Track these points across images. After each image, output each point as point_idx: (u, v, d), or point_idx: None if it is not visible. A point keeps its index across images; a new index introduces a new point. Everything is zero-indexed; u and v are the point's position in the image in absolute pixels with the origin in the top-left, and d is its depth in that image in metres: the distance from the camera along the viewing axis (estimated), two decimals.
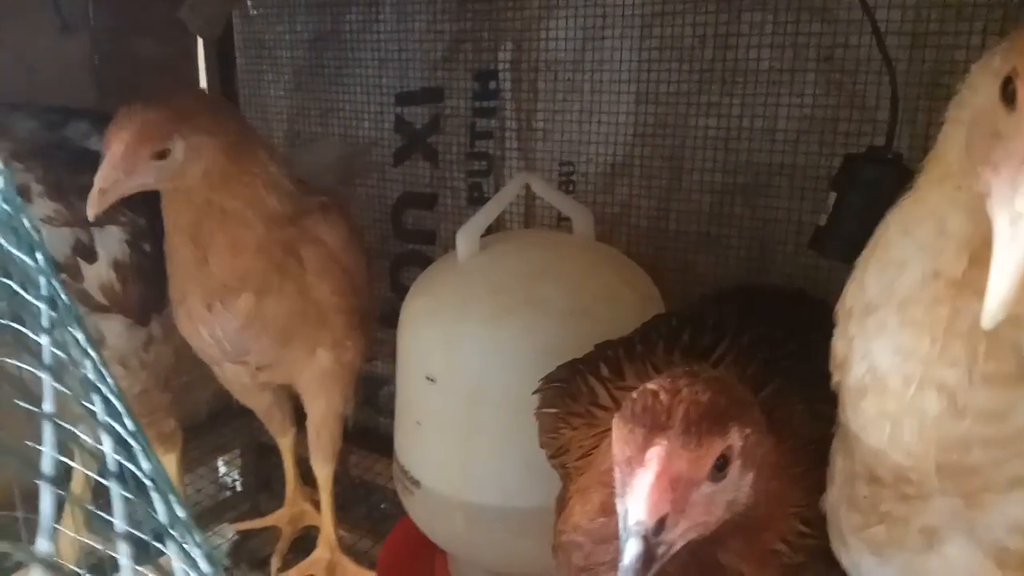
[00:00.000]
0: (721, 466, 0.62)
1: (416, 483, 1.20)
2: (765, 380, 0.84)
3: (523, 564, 1.14)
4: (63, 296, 0.46)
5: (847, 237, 1.05)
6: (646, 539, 0.57)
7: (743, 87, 1.39)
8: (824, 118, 1.34)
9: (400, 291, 1.72)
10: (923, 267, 0.59)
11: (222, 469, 2.01)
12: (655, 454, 0.59)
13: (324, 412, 1.42)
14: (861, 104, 1.31)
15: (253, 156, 1.23)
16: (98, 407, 0.41)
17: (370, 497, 1.91)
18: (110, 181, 1.08)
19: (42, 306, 0.42)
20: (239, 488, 1.98)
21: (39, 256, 0.47)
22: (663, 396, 0.63)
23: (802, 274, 1.36)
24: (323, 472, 1.48)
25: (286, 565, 1.54)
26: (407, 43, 1.73)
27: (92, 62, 1.76)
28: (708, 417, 0.61)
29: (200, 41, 1.91)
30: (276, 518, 1.66)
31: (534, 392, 0.98)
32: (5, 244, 0.46)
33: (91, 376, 0.42)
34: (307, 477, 1.65)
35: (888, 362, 0.60)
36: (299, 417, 1.55)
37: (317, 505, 1.57)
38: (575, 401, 0.93)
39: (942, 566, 0.63)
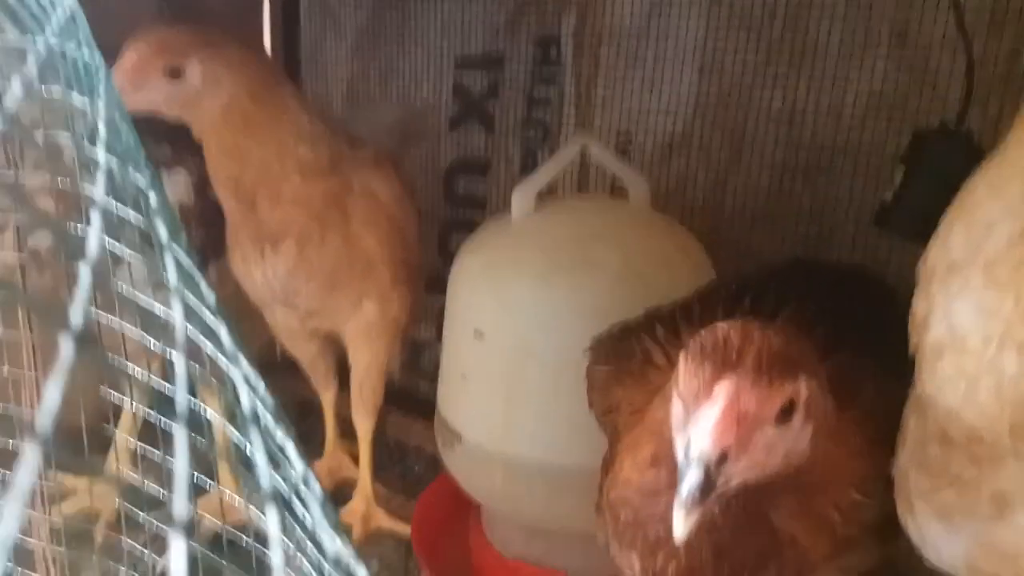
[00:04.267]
0: (787, 411, 0.62)
1: (458, 436, 1.21)
2: (830, 349, 0.83)
3: (560, 521, 1.14)
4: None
5: (914, 214, 1.03)
6: (707, 469, 0.57)
7: (811, 63, 1.37)
8: (893, 97, 1.31)
9: (447, 257, 1.73)
10: (1011, 227, 0.58)
11: None
12: (724, 388, 0.59)
13: (368, 364, 1.43)
14: (932, 83, 1.28)
15: (281, 104, 1.22)
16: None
17: (405, 459, 1.93)
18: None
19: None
20: None
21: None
22: (734, 336, 0.63)
23: (862, 256, 1.33)
24: (364, 425, 1.49)
25: None
26: (470, 8, 1.73)
27: (162, 13, 1.79)
28: (779, 361, 0.61)
29: (266, 1, 1.93)
30: (314, 469, 1.68)
31: (586, 349, 0.98)
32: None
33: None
34: (346, 434, 1.67)
35: (969, 321, 0.59)
36: (342, 377, 1.58)
37: (355, 459, 1.60)
38: (628, 360, 0.93)
39: (1012, 536, 0.62)
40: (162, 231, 0.43)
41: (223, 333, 0.41)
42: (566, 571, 1.21)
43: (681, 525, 0.59)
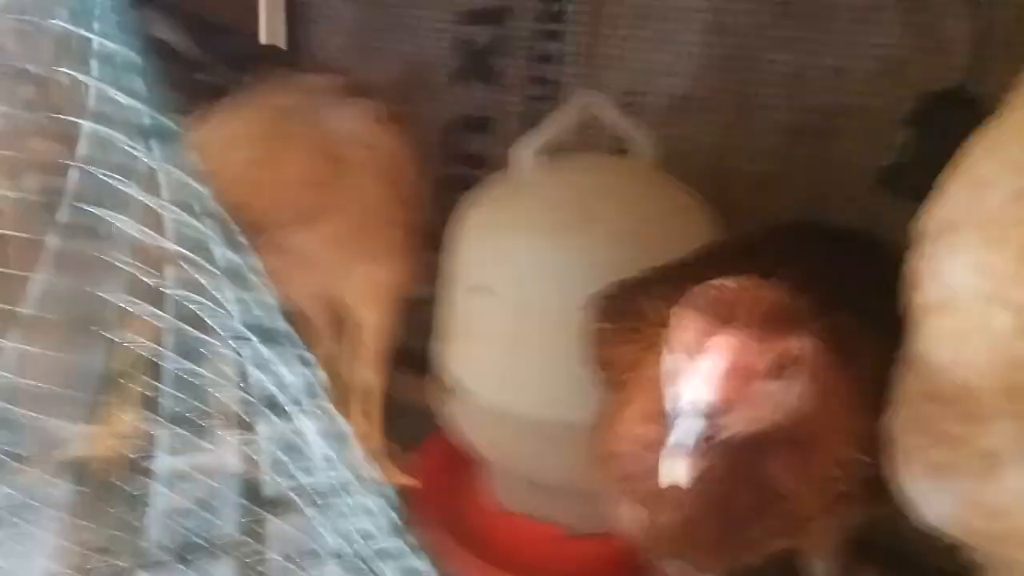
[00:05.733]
0: (780, 366, 0.63)
1: (459, 391, 1.22)
2: (828, 309, 0.84)
3: (562, 476, 1.16)
4: None
5: (919, 175, 1.02)
6: (699, 419, 0.58)
7: (819, 24, 1.35)
8: (900, 59, 1.30)
9: (444, 213, 1.73)
10: (1008, 186, 0.59)
11: None
12: (718, 342, 0.60)
13: (377, 324, 1.45)
14: (940, 48, 1.26)
15: None
16: None
17: (403, 414, 1.95)
18: None
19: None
20: None
21: None
22: (729, 292, 0.64)
23: (867, 219, 1.33)
24: (375, 381, 1.51)
25: None
26: None
27: None
28: (773, 315, 0.62)
29: None
30: None
31: (584, 307, 0.98)
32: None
33: None
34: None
35: (962, 279, 0.60)
36: None
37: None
38: (624, 317, 0.94)
39: (1000, 494, 0.63)
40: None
41: None
42: (568, 526, 1.24)
43: (667, 473, 0.61)
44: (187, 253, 0.44)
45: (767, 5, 1.39)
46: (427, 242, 1.64)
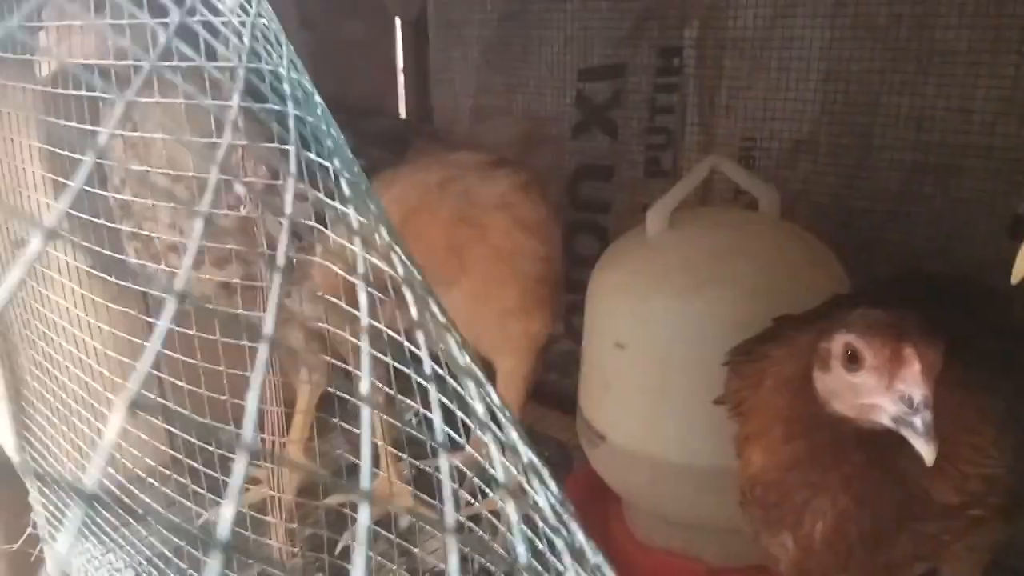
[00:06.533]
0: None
1: (602, 437, 1.32)
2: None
3: (701, 516, 1.24)
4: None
5: None
6: (928, 411, 0.71)
7: (939, 67, 1.39)
8: (1021, 101, 1.32)
9: (573, 257, 1.84)
10: None
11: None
12: (912, 350, 0.72)
13: (511, 371, 1.56)
14: None
15: None
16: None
17: (537, 446, 2.07)
18: None
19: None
20: None
21: None
22: (880, 316, 0.76)
23: (993, 258, 1.35)
24: None
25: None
26: (592, 21, 1.81)
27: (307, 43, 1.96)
28: (929, 330, 0.73)
29: (398, 22, 2.07)
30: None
31: (723, 363, 1.07)
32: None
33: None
34: None
35: None
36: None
37: None
38: (752, 362, 1.02)
39: None
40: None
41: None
42: (707, 561, 1.32)
43: (930, 451, 0.71)
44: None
45: (883, 53, 1.43)
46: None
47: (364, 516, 0.32)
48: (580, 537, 0.50)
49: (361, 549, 0.31)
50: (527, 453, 0.53)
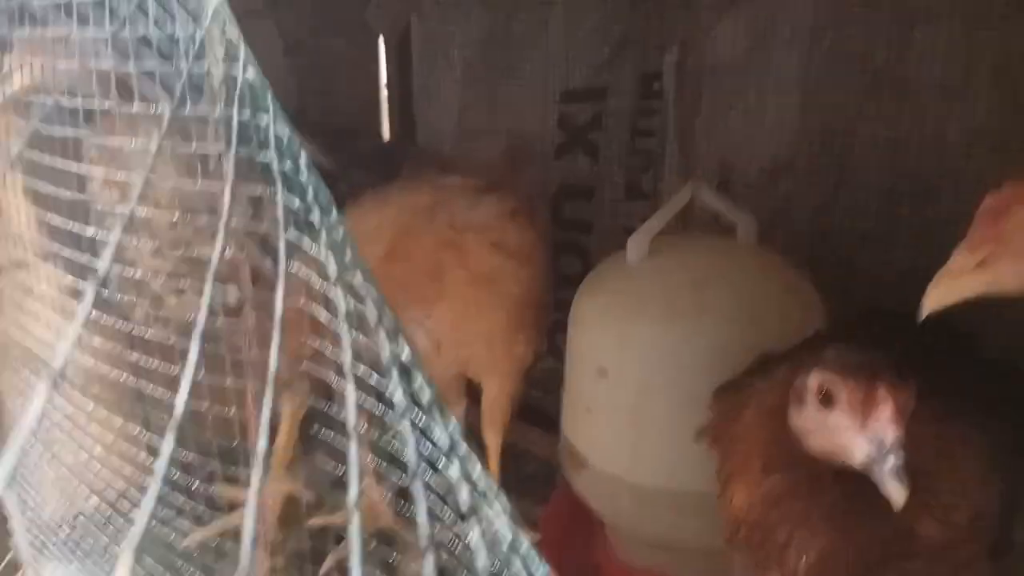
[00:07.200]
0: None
1: (584, 461, 1.33)
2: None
3: (683, 540, 1.26)
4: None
5: None
6: (900, 451, 0.73)
7: (914, 96, 1.42)
8: (997, 130, 1.35)
9: (555, 277, 1.85)
10: None
11: None
12: (885, 391, 0.74)
13: (497, 392, 1.57)
14: None
15: None
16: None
17: (519, 462, 2.09)
18: None
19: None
20: None
21: None
22: (853, 355, 0.78)
23: None
24: (493, 441, 1.64)
25: None
26: (574, 44, 1.83)
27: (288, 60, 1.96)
28: (898, 368, 0.75)
29: (382, 40, 2.08)
30: None
31: (708, 404, 1.08)
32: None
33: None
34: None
35: None
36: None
37: None
38: (732, 396, 1.04)
39: None
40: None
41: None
42: None
43: (900, 494, 0.73)
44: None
45: (860, 79, 1.46)
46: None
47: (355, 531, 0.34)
48: (534, 556, 0.52)
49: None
50: (485, 481, 0.55)
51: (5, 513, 1.50)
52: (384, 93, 2.16)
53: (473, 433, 1.76)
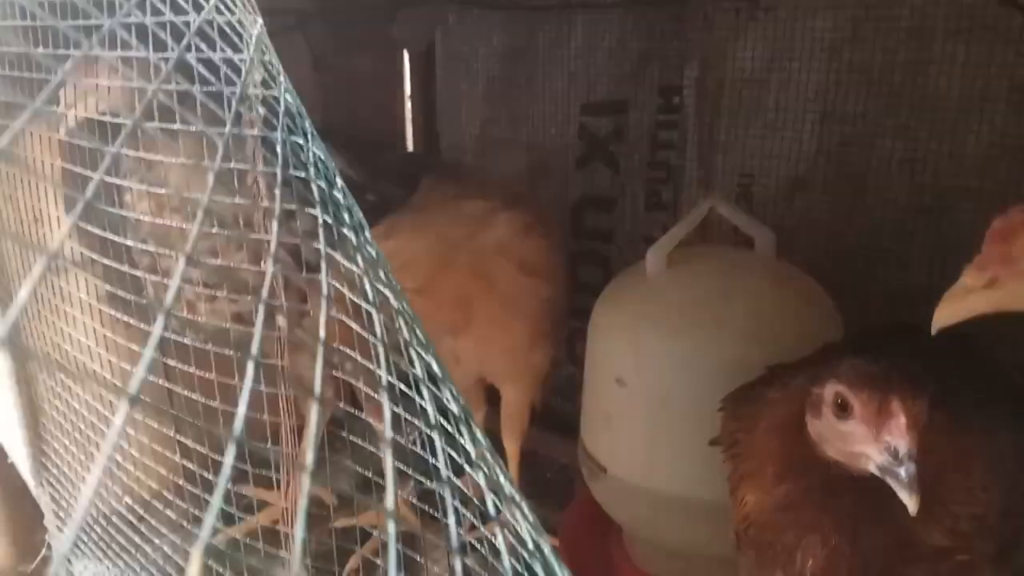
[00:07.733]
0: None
1: (603, 469, 1.36)
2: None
3: (697, 546, 1.28)
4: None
5: None
6: (912, 463, 0.75)
7: (931, 112, 1.44)
8: (1015, 147, 1.36)
9: (576, 285, 1.88)
10: None
11: None
12: (899, 403, 0.76)
13: (516, 399, 1.61)
14: None
15: None
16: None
17: (538, 468, 2.12)
18: None
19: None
20: None
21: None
22: (869, 367, 0.79)
23: None
24: (512, 447, 1.68)
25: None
26: (595, 59, 1.87)
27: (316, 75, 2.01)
28: (912, 379, 0.77)
29: (407, 55, 2.12)
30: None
31: (718, 409, 1.11)
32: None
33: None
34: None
35: None
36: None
37: None
38: (746, 407, 1.06)
39: None
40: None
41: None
42: None
43: (913, 501, 0.75)
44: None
45: (877, 97, 1.48)
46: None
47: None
48: (554, 562, 0.54)
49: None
50: (510, 488, 0.58)
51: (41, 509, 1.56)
52: (408, 106, 2.20)
53: (493, 438, 1.80)
